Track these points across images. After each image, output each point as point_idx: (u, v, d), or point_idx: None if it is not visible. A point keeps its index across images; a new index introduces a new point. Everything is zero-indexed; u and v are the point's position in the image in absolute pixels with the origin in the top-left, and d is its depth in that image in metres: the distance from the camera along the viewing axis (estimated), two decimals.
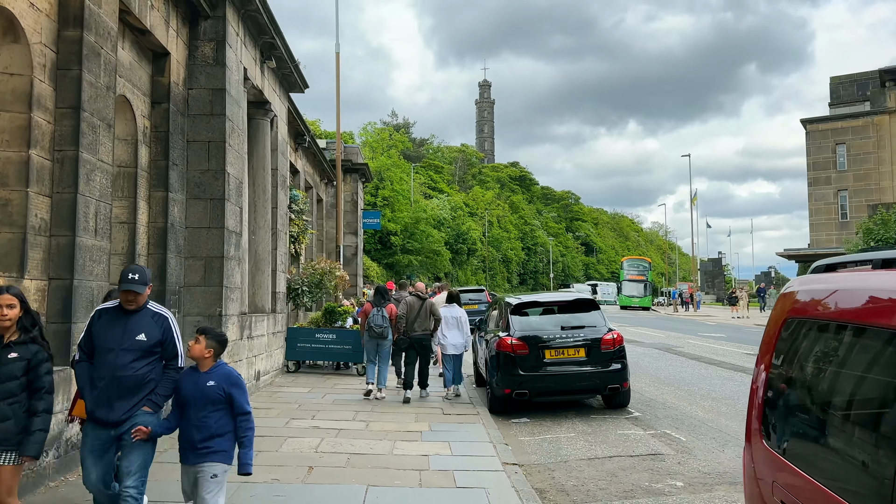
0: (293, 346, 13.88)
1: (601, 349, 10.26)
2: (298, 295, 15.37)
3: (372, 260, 49.52)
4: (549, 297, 11.42)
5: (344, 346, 13.88)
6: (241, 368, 10.56)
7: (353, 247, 25.66)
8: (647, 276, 60.87)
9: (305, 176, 19.95)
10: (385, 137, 55.83)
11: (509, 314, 10.74)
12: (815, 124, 54.48)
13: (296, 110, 16.47)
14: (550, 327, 10.49)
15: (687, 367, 15.76)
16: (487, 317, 12.98)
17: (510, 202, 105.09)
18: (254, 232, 12.39)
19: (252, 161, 12.50)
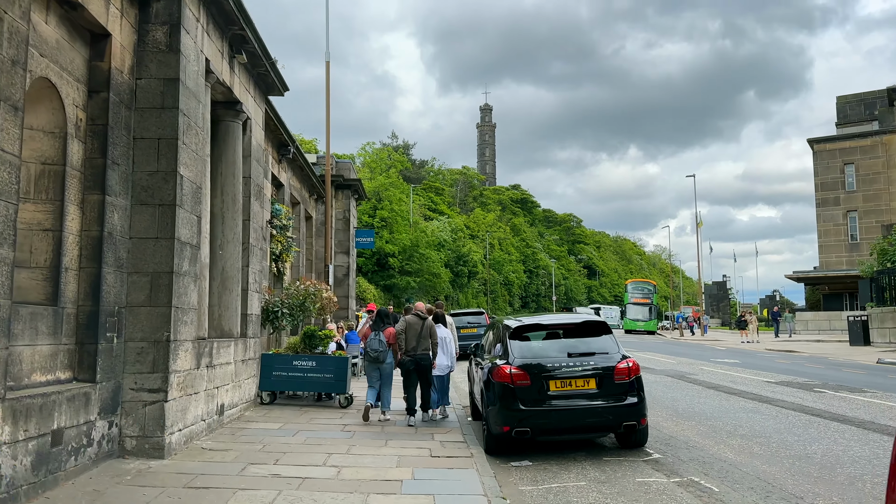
0: (268, 375, 12.45)
1: (614, 380, 8.84)
2: (277, 317, 13.96)
3: (369, 282, 48.12)
4: (553, 318, 10.01)
5: (325, 374, 12.45)
6: (198, 403, 9.15)
7: (345, 267, 24.31)
8: (653, 300, 59.42)
9: (291, 190, 18.66)
10: (384, 157, 54.71)
11: (508, 338, 9.34)
12: (823, 144, 53.25)
13: (277, 117, 15.22)
14: (555, 354, 9.07)
15: (705, 397, 14.29)
16: (485, 341, 11.57)
17: (511, 224, 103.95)
18: (221, 246, 11.04)
19: (220, 167, 11.20)
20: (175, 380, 8.27)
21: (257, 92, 12.40)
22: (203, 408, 9.36)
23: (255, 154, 12.24)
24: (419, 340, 11.06)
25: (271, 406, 12.43)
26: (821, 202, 53.12)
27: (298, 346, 12.76)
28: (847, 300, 50.33)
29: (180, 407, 8.48)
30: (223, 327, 10.94)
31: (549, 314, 10.67)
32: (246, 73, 11.60)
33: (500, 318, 11.27)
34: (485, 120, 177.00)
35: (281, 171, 17.10)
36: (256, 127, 12.34)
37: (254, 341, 12.09)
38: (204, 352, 9.36)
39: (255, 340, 12.25)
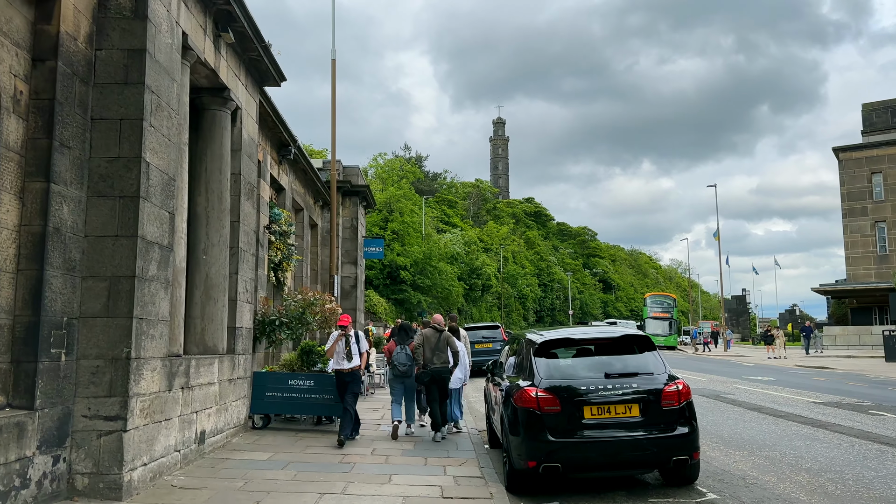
0: (260, 396, 11.11)
1: (662, 405, 7.41)
2: (273, 331, 12.63)
3: (380, 296, 46.78)
4: (585, 332, 8.57)
5: (324, 395, 11.08)
6: (170, 431, 7.80)
7: (353, 278, 22.99)
8: (672, 314, 57.64)
9: (294, 195, 17.40)
10: (395, 168, 53.54)
11: (533, 356, 7.93)
12: (849, 153, 51.47)
13: (276, 113, 13.98)
14: (590, 374, 7.65)
15: (751, 420, 12.76)
16: (503, 358, 10.18)
17: (525, 238, 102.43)
18: (205, 250, 9.74)
19: (204, 161, 9.93)
20: (138, 405, 6.94)
21: (249, 80, 11.15)
22: (177, 436, 8.01)
23: (247, 148, 10.97)
24: (435, 353, 10.86)
25: (264, 431, 11.07)
26: (847, 212, 51.26)
27: (295, 363, 11.41)
28: (876, 314, 48.38)
29: (145, 437, 7.14)
30: (206, 342, 9.62)
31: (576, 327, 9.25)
32: (235, 57, 10.36)
33: (522, 331, 9.87)
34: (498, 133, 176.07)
35: (281, 174, 15.85)
36: (248, 119, 11.08)
37: (244, 358, 10.76)
38: (178, 371, 8.02)
39: (246, 357, 10.92)
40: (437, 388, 10.92)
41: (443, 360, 10.88)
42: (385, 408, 14.55)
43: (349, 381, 10.28)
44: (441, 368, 10.86)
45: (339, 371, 10.32)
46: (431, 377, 10.82)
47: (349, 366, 10.29)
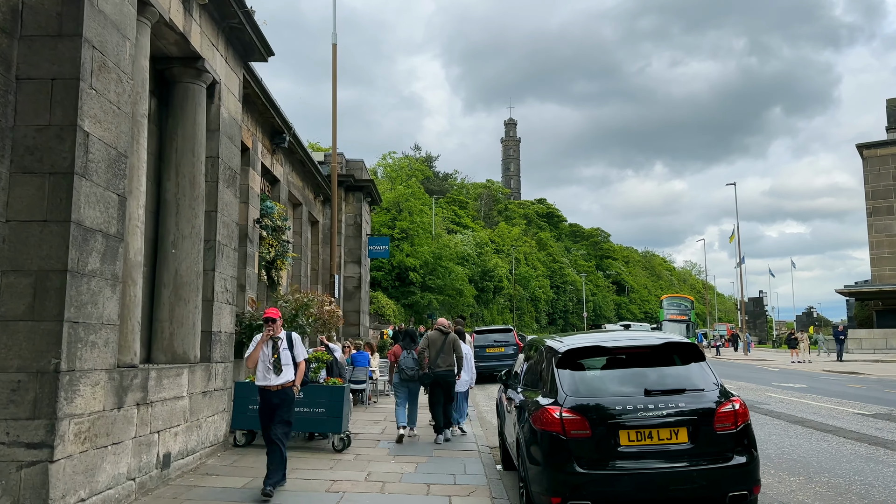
0: (243, 410, 9.81)
1: (714, 429, 6.04)
2: None
3: (389, 297, 45.48)
4: (618, 339, 7.16)
5: (314, 408, 9.77)
6: (120, 456, 6.51)
7: (356, 278, 21.69)
8: (690, 316, 56.01)
9: (290, 188, 16.13)
10: (404, 166, 52.24)
11: (555, 367, 6.57)
12: (874, 150, 49.67)
13: (267, 97, 12.72)
14: (626, 390, 6.29)
15: (796, 436, 11.33)
16: (519, 367, 8.84)
17: (538, 239, 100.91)
18: (175, 244, 8.46)
19: (174, 140, 8.67)
20: (71, 428, 5.65)
21: (230, 52, 9.87)
22: (130, 462, 6.72)
23: (227, 129, 9.69)
24: (440, 356, 10.71)
25: (246, 450, 9.77)
26: (872, 211, 49.46)
27: None
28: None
29: (83, 466, 5.85)
30: (176, 349, 8.33)
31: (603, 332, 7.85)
32: (211, 24, 9.08)
33: (540, 337, 8.52)
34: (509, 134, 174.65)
35: (275, 164, 14.58)
36: (229, 96, 9.80)
37: (223, 367, 9.47)
38: (132, 384, 6.73)
39: (226, 366, 9.63)
40: (441, 391, 10.78)
41: (448, 364, 10.77)
42: (387, 420, 13.25)
43: (277, 403, 7.39)
44: (446, 372, 10.74)
45: (265, 390, 7.41)
46: (435, 380, 10.72)
47: (278, 381, 7.37)
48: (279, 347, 7.44)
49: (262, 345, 7.40)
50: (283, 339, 7.53)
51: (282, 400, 7.42)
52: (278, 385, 7.39)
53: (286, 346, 7.51)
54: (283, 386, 7.41)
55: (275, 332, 7.47)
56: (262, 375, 7.40)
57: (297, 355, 7.58)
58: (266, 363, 7.39)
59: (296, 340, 7.69)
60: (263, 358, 7.41)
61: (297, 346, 7.63)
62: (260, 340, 7.44)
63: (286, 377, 7.42)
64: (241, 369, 10.89)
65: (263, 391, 7.44)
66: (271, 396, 7.40)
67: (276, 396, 7.40)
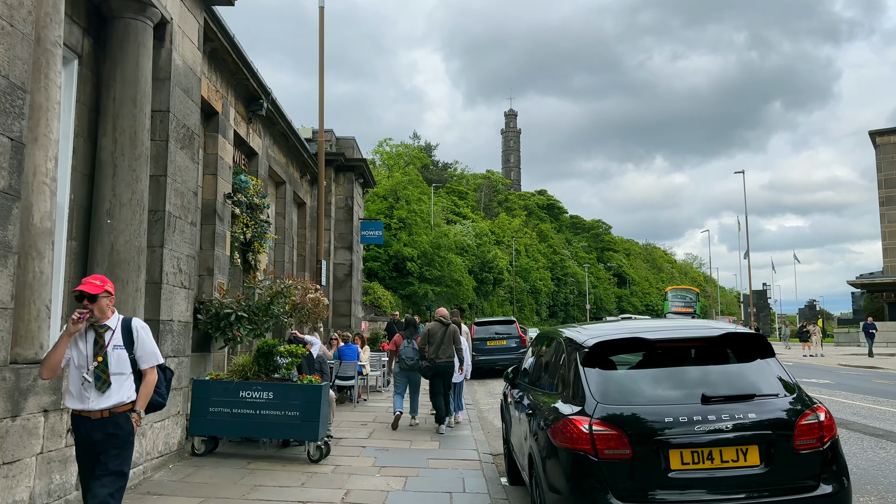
0: (202, 412, 8.31)
1: (795, 447, 4.55)
2: (229, 325, 9.86)
3: (386, 288, 44.00)
4: (658, 329, 5.56)
5: (287, 411, 8.27)
6: (15, 479, 5.01)
7: (347, 265, 20.16)
8: (695, 308, 54.56)
9: (272, 164, 14.59)
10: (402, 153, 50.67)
11: (580, 366, 5.05)
12: (888, 136, 47.97)
13: (239, 53, 11.17)
14: (674, 395, 4.78)
15: (846, 442, 9.82)
16: (528, 364, 7.35)
17: (538, 230, 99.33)
18: (110, 212, 6.94)
19: (111, 88, 7.13)
20: None
21: None
22: (34, 486, 5.22)
23: (182, 80, 8.15)
24: (440, 347, 10.72)
25: (205, 459, 8.27)
26: (885, 200, 47.92)
27: (249, 368, 8.57)
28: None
29: None
30: None
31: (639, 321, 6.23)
32: None
33: (554, 328, 7.01)
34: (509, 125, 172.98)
35: (252, 135, 13.04)
36: (184, 41, 8.25)
37: (175, 362, 7.96)
38: (35, 386, 5.23)
39: (180, 361, 8.12)
40: (441, 381, 10.77)
41: (448, 355, 10.75)
42: (376, 420, 11.79)
43: (101, 440, 4.33)
44: (446, 363, 10.72)
45: (80, 417, 4.36)
46: (435, 371, 10.70)
47: (103, 404, 4.34)
48: (106, 344, 4.38)
49: (68, 339, 4.29)
50: (115, 331, 4.46)
51: (109, 435, 4.32)
52: (104, 410, 4.31)
53: (120, 343, 4.43)
54: (112, 411, 4.34)
55: (97, 317, 4.36)
56: (77, 392, 4.33)
57: (140, 357, 4.52)
58: (82, 371, 4.32)
59: (139, 332, 4.57)
60: (77, 362, 4.35)
61: (140, 341, 4.54)
62: (65, 332, 4.30)
63: (119, 396, 4.37)
64: (199, 365, 9.41)
65: (78, 420, 4.36)
66: (91, 429, 4.31)
67: (99, 429, 4.31)
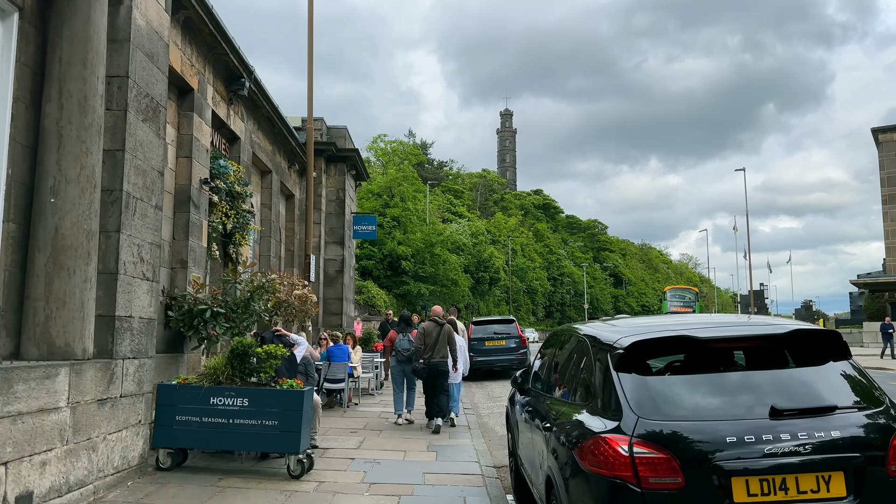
0: (168, 421, 7.31)
1: (890, 473, 3.60)
2: (204, 323, 8.88)
3: (380, 287, 42.98)
4: (708, 324, 4.60)
5: (264, 420, 7.28)
6: None
7: (339, 261, 19.16)
8: (694, 308, 53.56)
9: (256, 150, 13.60)
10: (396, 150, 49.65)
11: (613, 370, 4.09)
12: (890, 133, 47.19)
13: (215, 22, 10.19)
14: (734, 408, 3.82)
15: None
16: (540, 367, 6.40)
17: (534, 230, 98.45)
18: (54, 190, 5.95)
19: (57, 47, 6.15)
20: None
21: None
22: None
23: (144, 42, 7.17)
24: (435, 347, 10.69)
25: (170, 474, 7.27)
26: (888, 198, 47.17)
27: (222, 371, 7.58)
28: None
29: None
30: (53, 339, 5.83)
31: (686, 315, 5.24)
32: None
33: (569, 326, 6.06)
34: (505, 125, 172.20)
35: (233, 117, 12.05)
36: (149, 2, 7.26)
37: (136, 365, 6.97)
38: None
39: (142, 363, 7.13)
40: (435, 381, 10.70)
41: (442, 355, 10.69)
42: (367, 427, 10.85)
43: None
44: (440, 362, 10.65)
45: None
46: (429, 371, 10.63)
47: None
48: None
49: None
50: None
51: None
52: None
53: None
54: None
55: None
56: None
57: None
58: None
59: None
60: None
61: None
62: None
63: None
64: (170, 367, 8.42)
65: None
66: None
67: None
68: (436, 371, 10.62)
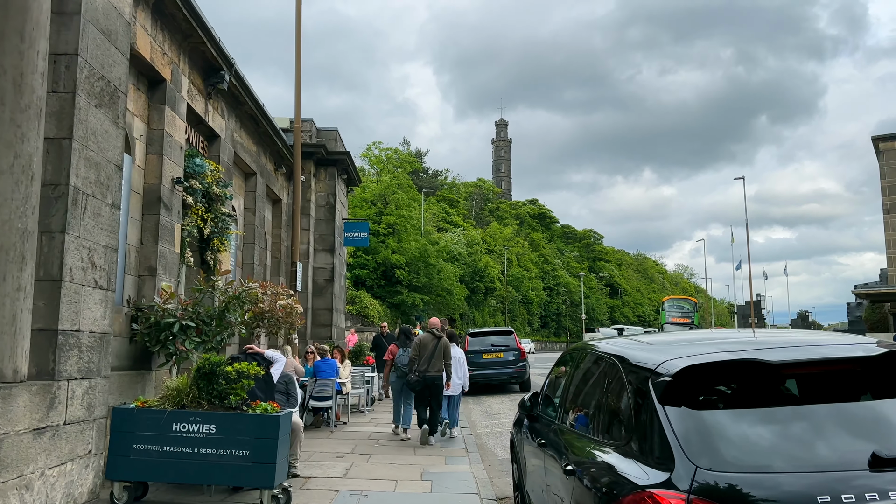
0: (124, 450, 6.38)
1: None
2: (170, 336, 7.96)
3: (374, 297, 42.03)
4: (772, 342, 3.68)
5: (233, 449, 6.35)
6: None
7: (328, 269, 18.23)
8: (693, 319, 52.87)
9: (238, 150, 12.72)
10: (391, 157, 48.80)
11: (658, 404, 3.20)
12: (891, 142, 46.64)
13: (190, 7, 9.33)
14: (820, 454, 2.94)
15: None
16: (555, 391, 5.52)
17: (530, 239, 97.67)
18: None
19: None
20: None
21: None
22: None
23: (99, 18, 6.29)
24: (431, 360, 10.36)
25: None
26: (889, 207, 46.43)
27: (186, 393, 6.65)
28: None
29: None
30: None
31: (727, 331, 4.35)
32: None
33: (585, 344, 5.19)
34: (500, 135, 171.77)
35: (213, 114, 11.17)
36: None
37: (85, 386, 6.05)
38: None
39: (92, 384, 6.21)
40: (430, 395, 10.47)
41: (437, 368, 10.42)
42: (356, 451, 9.93)
43: None
44: (435, 376, 10.38)
45: None
46: (424, 384, 10.36)
47: None
48: None
49: None
50: None
51: None
52: None
53: None
54: None
55: None
56: None
57: None
58: None
59: None
60: None
61: None
62: None
63: None
64: (134, 386, 7.50)
65: None
66: None
67: None
68: (430, 384, 10.37)
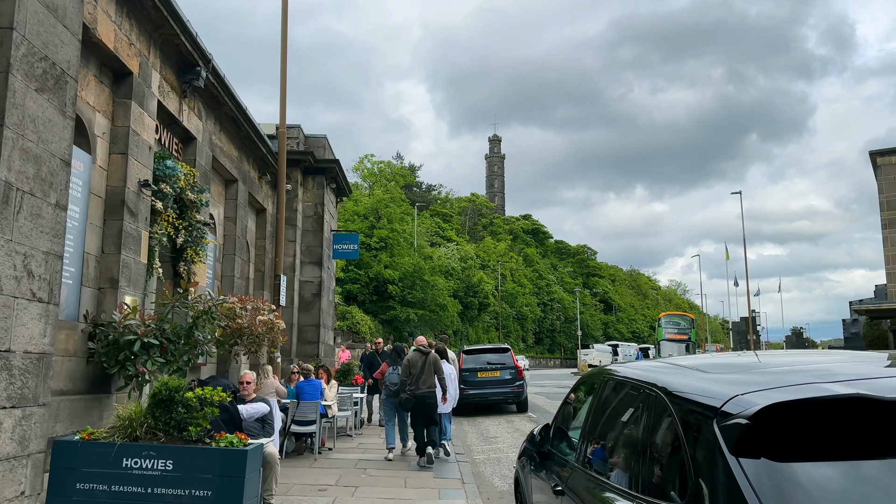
0: (65, 490, 5.47)
1: None
2: (130, 356, 7.07)
3: (365, 312, 41.09)
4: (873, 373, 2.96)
5: (195, 489, 5.46)
6: None
7: (316, 283, 17.32)
8: (690, 335, 52.08)
9: (217, 154, 11.88)
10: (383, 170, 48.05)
11: (731, 454, 2.36)
12: (889, 157, 46.11)
13: (165, 2, 8.52)
14: None
15: None
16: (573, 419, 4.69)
17: (524, 255, 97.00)
18: None
19: None
20: None
21: None
22: None
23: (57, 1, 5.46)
24: (420, 377, 10.17)
25: None
26: (887, 223, 45.66)
27: (140, 422, 5.76)
28: None
29: None
30: None
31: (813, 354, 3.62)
32: None
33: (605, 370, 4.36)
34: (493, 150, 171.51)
35: (188, 114, 10.34)
36: None
37: (16, 417, 5.16)
38: None
39: (25, 414, 5.31)
40: (422, 414, 10.19)
41: (428, 385, 10.20)
42: (340, 483, 9.01)
43: None
44: (426, 393, 10.14)
45: None
46: (416, 403, 10.16)
47: None
48: None
49: None
50: None
51: None
52: None
53: None
54: None
55: None
56: None
57: None
58: None
59: None
60: None
61: None
62: None
63: None
64: (90, 412, 6.60)
65: None
66: None
67: None
68: (422, 402, 10.15)
